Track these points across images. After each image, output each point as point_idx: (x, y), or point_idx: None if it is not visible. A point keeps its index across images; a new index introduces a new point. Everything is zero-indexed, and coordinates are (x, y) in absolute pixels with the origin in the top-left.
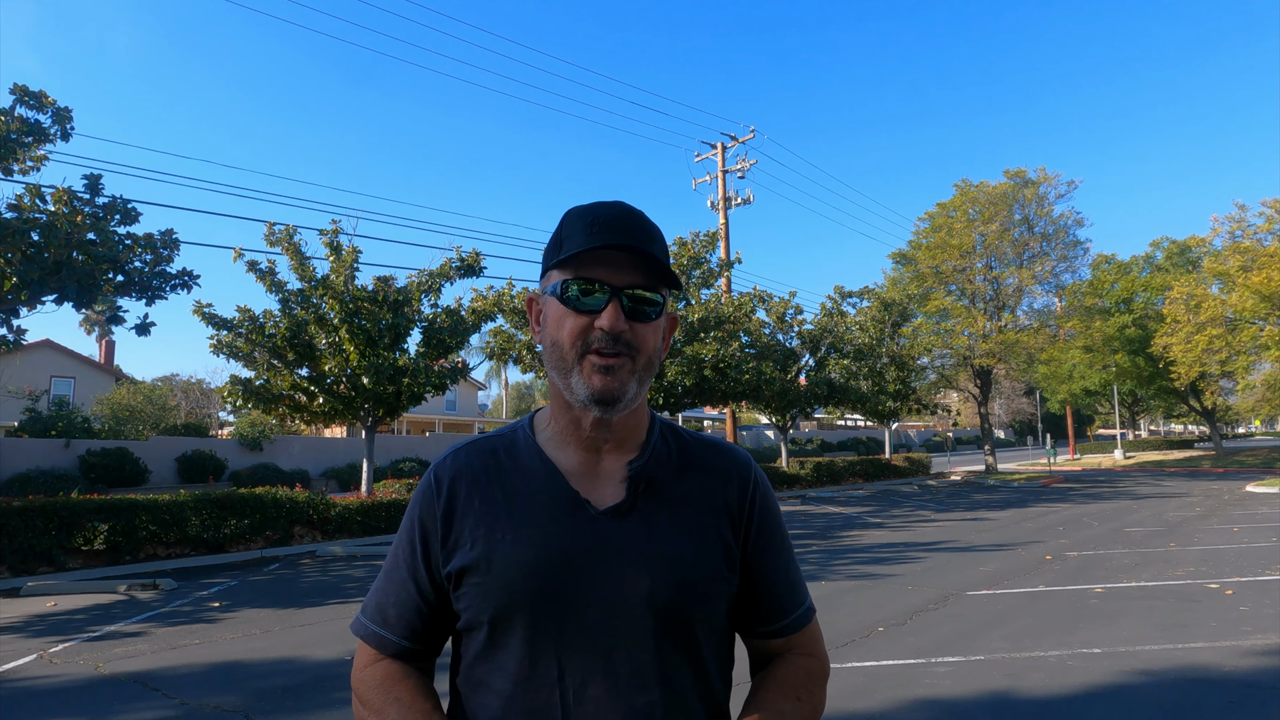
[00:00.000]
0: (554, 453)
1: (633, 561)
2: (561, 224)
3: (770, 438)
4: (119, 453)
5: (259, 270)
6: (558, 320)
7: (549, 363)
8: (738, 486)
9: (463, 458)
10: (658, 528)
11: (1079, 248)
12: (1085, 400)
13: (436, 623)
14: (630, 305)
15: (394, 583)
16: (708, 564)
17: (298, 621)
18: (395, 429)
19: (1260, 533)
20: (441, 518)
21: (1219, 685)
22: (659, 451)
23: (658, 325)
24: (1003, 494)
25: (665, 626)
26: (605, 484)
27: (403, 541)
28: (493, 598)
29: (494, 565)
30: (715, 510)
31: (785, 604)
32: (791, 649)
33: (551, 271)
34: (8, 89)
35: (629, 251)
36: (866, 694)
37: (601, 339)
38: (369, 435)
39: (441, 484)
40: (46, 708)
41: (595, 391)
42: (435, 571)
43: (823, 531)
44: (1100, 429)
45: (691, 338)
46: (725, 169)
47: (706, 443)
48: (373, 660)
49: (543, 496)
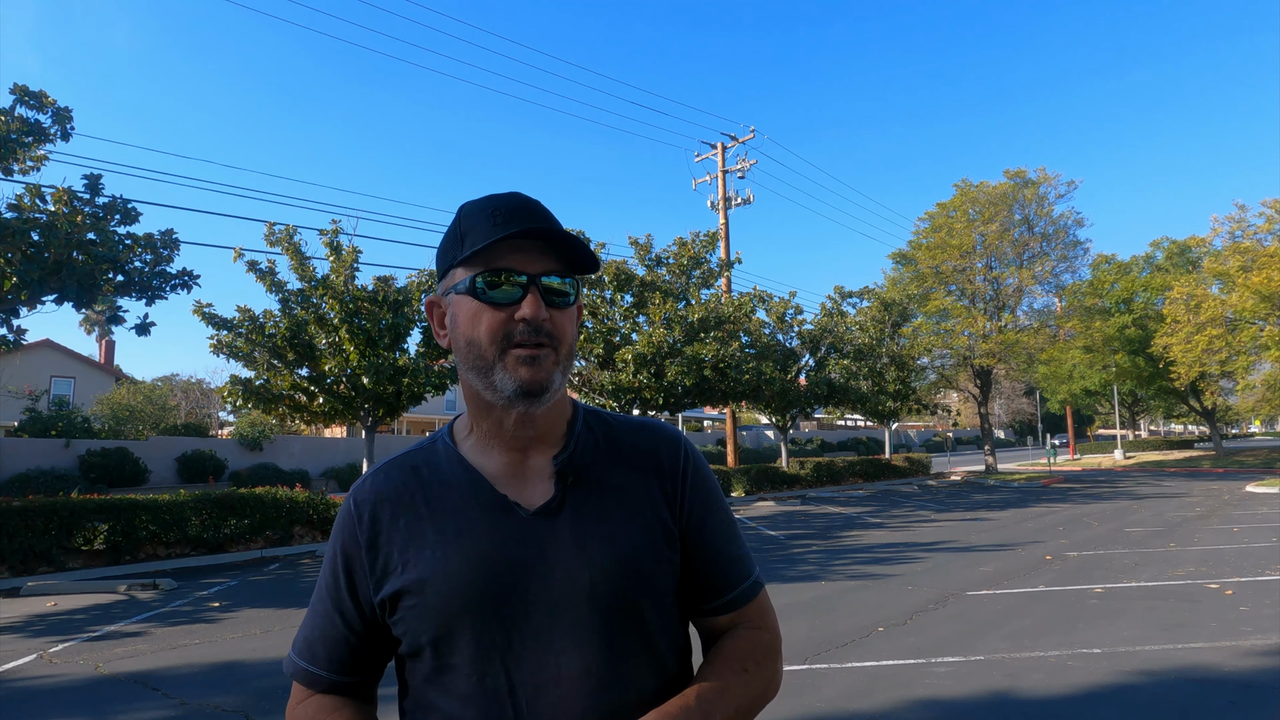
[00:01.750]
0: (477, 459)
1: (570, 558)
2: (459, 219)
3: (770, 438)
4: (119, 453)
5: (259, 270)
6: (472, 317)
7: (465, 364)
8: (668, 463)
9: (381, 479)
10: (591, 520)
11: (1079, 248)
12: (1085, 400)
13: (367, 653)
14: (546, 294)
15: (319, 616)
16: (648, 547)
17: (298, 621)
18: (395, 429)
19: (1260, 533)
20: (366, 545)
21: (1219, 685)
22: (584, 441)
23: (573, 312)
24: (1003, 494)
25: (613, 619)
26: (533, 483)
27: (325, 573)
28: (431, 618)
29: (428, 585)
30: (648, 491)
31: (731, 578)
32: (740, 623)
33: (455, 270)
34: (8, 89)
35: (540, 238)
36: (866, 694)
37: (524, 330)
38: (369, 435)
39: (362, 510)
40: (46, 708)
41: (523, 383)
42: (363, 601)
43: (823, 531)
44: (1100, 429)
45: (691, 338)
46: (725, 169)
47: (633, 424)
48: (304, 697)
49: (470, 506)
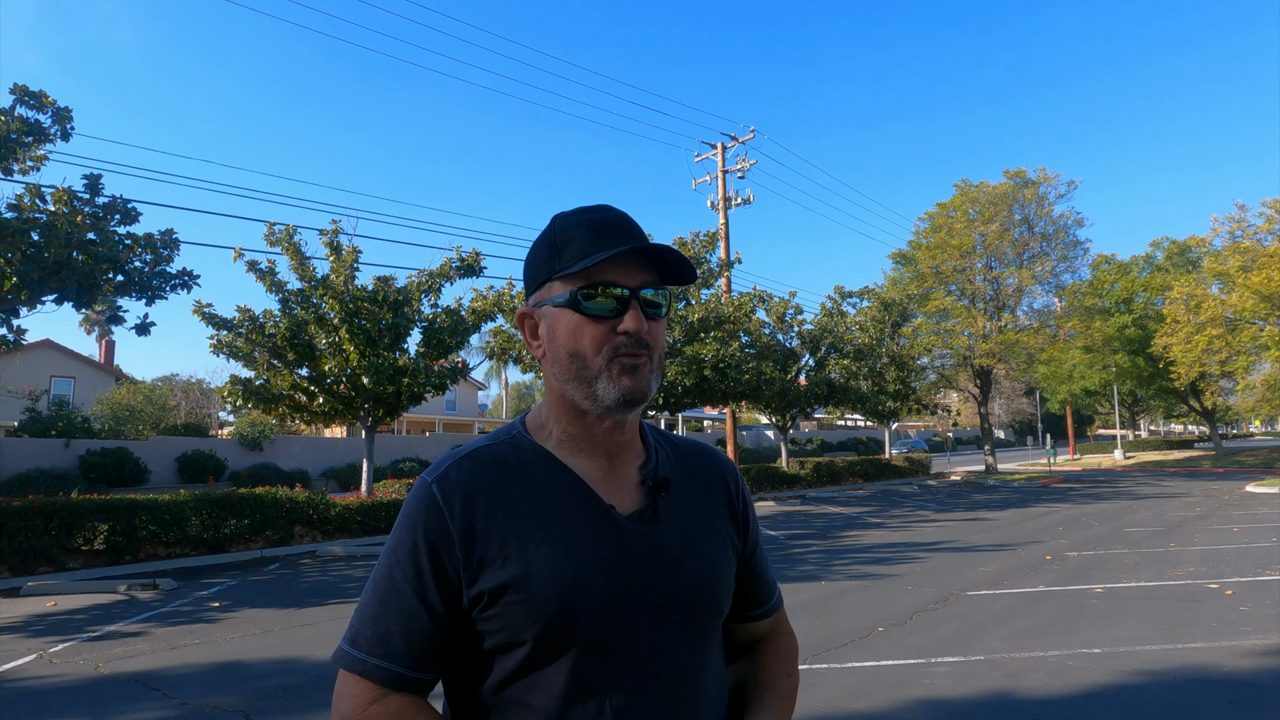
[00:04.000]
0: (568, 460)
1: (670, 564)
2: (554, 231)
3: (770, 438)
4: (119, 453)
5: (259, 270)
6: (573, 331)
7: (565, 375)
8: (733, 486)
9: (470, 469)
10: (682, 529)
11: (1079, 248)
12: (1085, 400)
13: (449, 648)
14: (643, 306)
15: (395, 610)
16: (725, 561)
17: (298, 621)
18: (395, 429)
19: (1260, 533)
20: (460, 535)
21: (1219, 685)
22: (662, 454)
23: (665, 323)
24: (1003, 494)
25: (701, 624)
26: (624, 490)
27: (403, 563)
28: (537, 614)
29: (535, 581)
30: (720, 509)
31: (770, 588)
32: (774, 628)
33: (552, 283)
34: (8, 89)
35: (640, 254)
36: (866, 694)
37: (627, 343)
38: (369, 435)
39: (452, 500)
40: (46, 708)
41: (626, 392)
42: (450, 595)
43: (823, 531)
44: (1100, 429)
45: (691, 338)
46: (725, 169)
47: (693, 444)
48: (378, 696)
49: (570, 506)
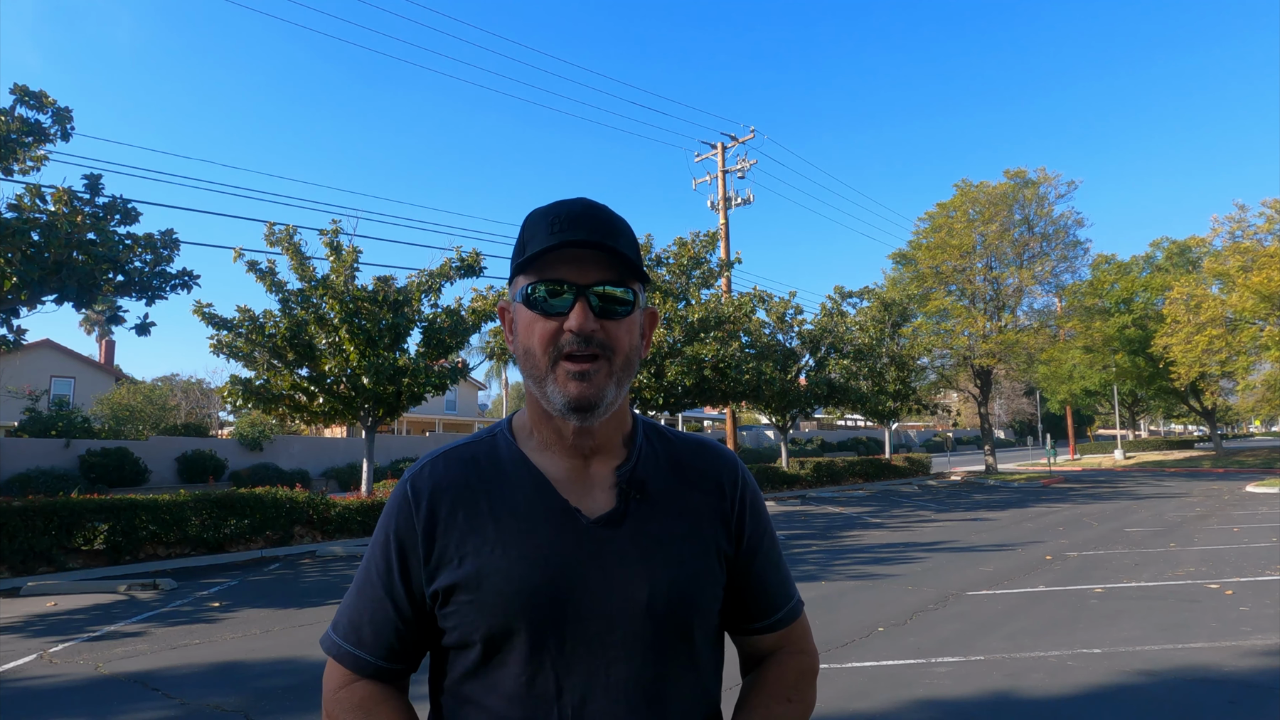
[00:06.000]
0: (539, 460)
1: (630, 570)
2: (524, 226)
3: (770, 438)
4: (119, 453)
5: (259, 270)
6: (527, 326)
7: (524, 371)
8: (728, 486)
9: (440, 468)
10: (652, 534)
11: (1079, 248)
12: (1085, 400)
13: (415, 641)
14: (600, 304)
15: (368, 600)
16: (704, 568)
17: (298, 621)
18: (395, 429)
19: (1260, 533)
20: (422, 533)
21: (1219, 685)
22: (645, 454)
23: (632, 322)
24: (1003, 494)
25: (665, 634)
26: (595, 491)
27: (377, 557)
28: (486, 615)
29: (486, 582)
30: (707, 512)
31: (777, 599)
32: (783, 645)
33: (518, 277)
34: (8, 89)
35: (593, 247)
36: (866, 694)
37: (572, 341)
38: (369, 435)
39: (420, 497)
40: (46, 708)
41: (572, 399)
42: (415, 590)
43: (823, 531)
44: (1100, 429)
45: (691, 338)
46: (725, 169)
47: (693, 443)
48: (348, 681)
49: (533, 508)
